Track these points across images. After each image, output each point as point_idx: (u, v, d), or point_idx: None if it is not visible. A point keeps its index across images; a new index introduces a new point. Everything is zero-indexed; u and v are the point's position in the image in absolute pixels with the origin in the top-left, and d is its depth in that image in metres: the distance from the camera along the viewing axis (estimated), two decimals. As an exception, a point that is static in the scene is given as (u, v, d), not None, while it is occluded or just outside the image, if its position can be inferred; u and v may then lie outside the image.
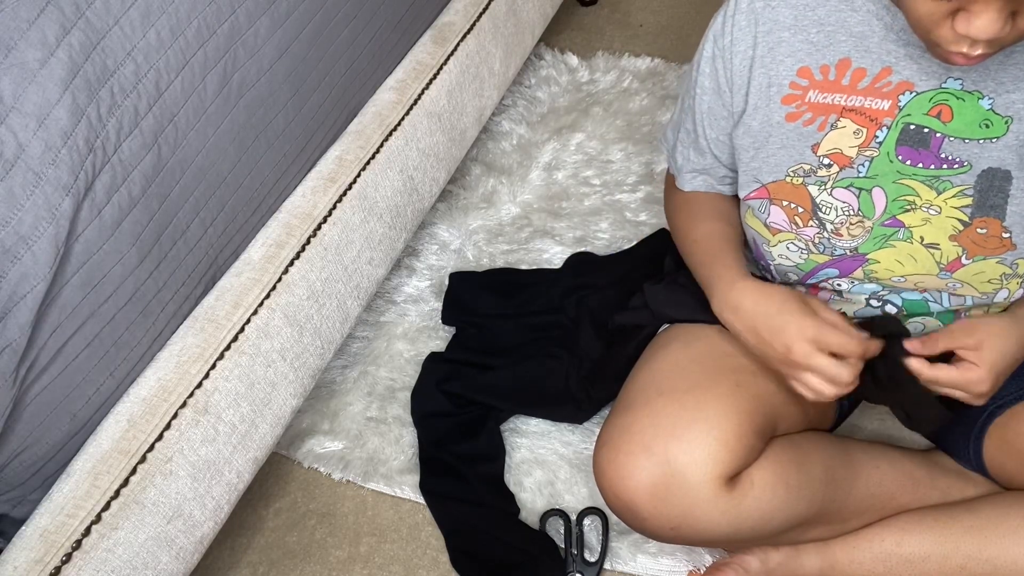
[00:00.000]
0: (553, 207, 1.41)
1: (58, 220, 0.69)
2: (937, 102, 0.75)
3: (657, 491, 0.80)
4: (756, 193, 0.86)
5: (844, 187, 0.81)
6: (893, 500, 0.90)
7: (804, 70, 0.80)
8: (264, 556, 1.09)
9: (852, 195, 0.81)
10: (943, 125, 0.76)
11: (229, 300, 0.90)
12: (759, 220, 0.88)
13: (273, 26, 0.88)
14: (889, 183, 0.79)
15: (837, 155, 0.80)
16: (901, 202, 0.80)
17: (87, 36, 0.72)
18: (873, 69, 0.77)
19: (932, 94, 0.75)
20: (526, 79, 1.63)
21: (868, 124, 0.78)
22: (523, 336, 1.23)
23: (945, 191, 0.78)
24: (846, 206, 0.81)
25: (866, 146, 0.79)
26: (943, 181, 0.77)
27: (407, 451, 1.16)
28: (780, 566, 0.92)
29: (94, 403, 0.79)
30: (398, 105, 1.10)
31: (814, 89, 0.80)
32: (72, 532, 0.75)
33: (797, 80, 0.80)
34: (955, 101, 0.75)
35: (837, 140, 0.80)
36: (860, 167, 0.80)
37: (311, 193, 0.99)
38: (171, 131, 0.80)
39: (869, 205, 0.81)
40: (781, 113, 0.82)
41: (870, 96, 0.78)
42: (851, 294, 0.88)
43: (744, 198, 0.88)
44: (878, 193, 0.80)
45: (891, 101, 0.77)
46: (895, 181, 0.79)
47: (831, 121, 0.79)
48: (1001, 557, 0.83)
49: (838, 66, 0.78)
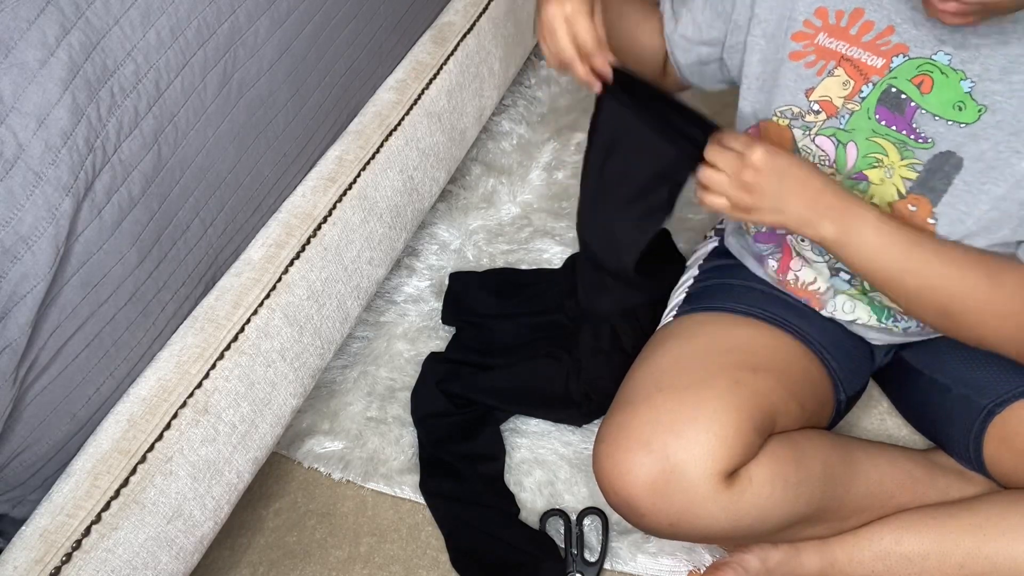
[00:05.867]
0: (553, 207, 1.41)
1: (58, 220, 0.69)
2: (922, 71, 0.76)
3: (656, 487, 0.80)
4: (751, 131, 0.87)
5: (827, 136, 0.82)
6: (892, 499, 0.90)
7: (822, 11, 0.80)
8: (264, 556, 1.09)
9: (832, 145, 0.82)
10: (920, 96, 0.76)
11: (229, 300, 0.90)
12: None
13: (273, 26, 0.89)
14: (863, 139, 0.80)
15: (827, 103, 0.81)
16: (870, 159, 0.80)
17: (87, 36, 0.72)
18: (880, 25, 0.77)
19: (920, 62, 0.76)
20: (526, 79, 1.63)
21: (857, 77, 0.79)
22: (523, 336, 1.23)
23: (907, 159, 0.79)
24: (824, 155, 0.82)
25: (850, 99, 0.80)
26: (908, 149, 0.78)
27: (407, 451, 1.16)
28: (780, 565, 0.92)
29: (94, 403, 0.80)
30: (398, 105, 1.10)
31: (824, 32, 0.80)
32: (72, 532, 0.75)
33: (812, 20, 0.80)
34: (939, 75, 0.75)
35: (829, 87, 0.80)
36: (842, 118, 0.81)
37: (311, 193, 1.00)
38: (171, 131, 0.80)
39: (843, 158, 0.82)
40: (787, 49, 0.82)
41: (868, 51, 0.78)
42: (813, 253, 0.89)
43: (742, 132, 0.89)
44: (851, 147, 0.81)
45: (885, 60, 0.77)
46: (868, 138, 0.80)
47: (829, 68, 0.80)
48: (1000, 555, 0.83)
49: (852, 14, 0.78)
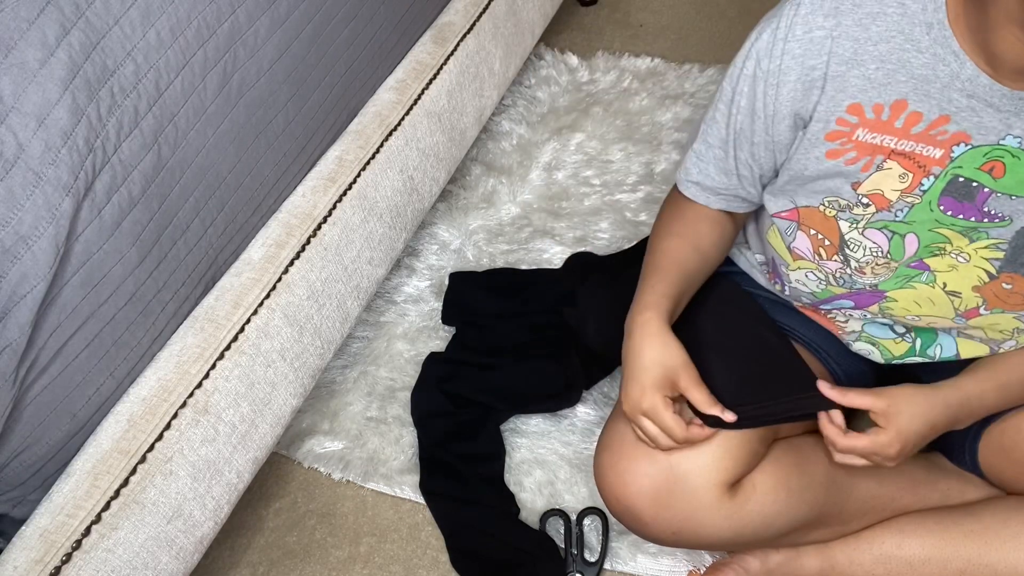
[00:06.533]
0: (553, 207, 1.41)
1: (58, 220, 0.69)
2: (992, 158, 0.71)
3: (659, 496, 0.80)
4: (787, 214, 0.82)
5: (878, 228, 0.77)
6: (893, 502, 0.90)
7: (855, 107, 0.74)
8: (264, 556, 1.09)
9: (884, 237, 0.78)
10: (993, 181, 0.72)
11: (229, 300, 0.90)
12: (783, 242, 0.85)
13: (273, 26, 0.88)
14: (925, 231, 0.76)
15: (877, 196, 0.76)
16: (932, 248, 0.77)
17: (87, 36, 0.71)
18: (930, 115, 0.71)
19: (988, 149, 0.71)
20: (526, 79, 1.63)
21: (916, 170, 0.74)
22: (523, 336, 1.23)
23: (978, 240, 0.75)
24: (876, 247, 0.78)
25: (910, 191, 0.75)
26: (979, 232, 0.74)
27: (407, 451, 1.15)
28: (780, 567, 0.92)
29: (94, 403, 0.79)
30: (398, 105, 1.10)
31: (863, 127, 0.74)
32: (72, 532, 0.75)
33: (846, 117, 0.74)
34: (1010, 159, 0.70)
35: (880, 181, 0.75)
36: (899, 211, 0.76)
37: (311, 193, 0.99)
38: (171, 131, 0.80)
39: (900, 249, 0.78)
40: (823, 149, 0.76)
41: (922, 142, 0.73)
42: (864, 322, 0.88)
43: (773, 214, 0.84)
44: (911, 239, 0.77)
45: (944, 150, 0.72)
46: (931, 229, 0.76)
47: (877, 162, 0.75)
48: (1002, 563, 0.83)
49: (893, 107, 0.72)
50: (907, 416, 0.78)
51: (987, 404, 0.82)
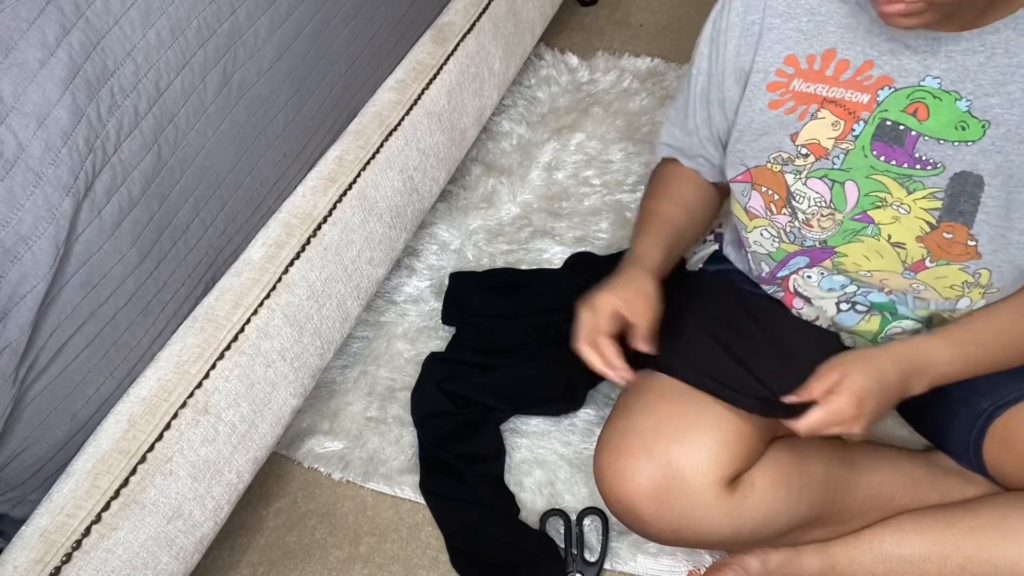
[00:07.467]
0: (553, 207, 1.41)
1: (58, 220, 0.69)
2: (914, 99, 0.75)
3: (658, 494, 0.80)
4: (741, 176, 0.88)
5: (818, 177, 0.81)
6: (893, 501, 0.90)
7: (791, 58, 0.80)
8: (264, 556, 1.09)
9: (825, 186, 0.82)
10: (919, 123, 0.76)
11: (229, 300, 0.90)
12: (740, 205, 0.89)
13: (273, 26, 0.88)
14: (862, 177, 0.80)
15: (814, 145, 0.81)
16: (872, 197, 0.80)
17: (87, 36, 0.71)
18: (856, 61, 0.77)
19: (910, 91, 0.75)
20: (526, 79, 1.63)
21: (846, 116, 0.79)
22: (523, 336, 1.23)
23: (916, 191, 0.78)
24: (819, 197, 0.82)
25: (843, 138, 0.79)
26: (915, 181, 0.77)
27: (407, 451, 1.15)
28: (780, 567, 0.92)
29: (94, 403, 0.79)
30: (398, 105, 1.10)
31: (799, 78, 0.80)
32: (72, 532, 0.75)
33: (784, 68, 0.81)
34: (932, 100, 0.75)
35: (816, 130, 0.80)
36: (835, 159, 0.80)
37: (311, 193, 0.99)
38: (171, 131, 0.80)
39: (841, 198, 0.81)
40: (765, 100, 0.83)
41: (851, 88, 0.78)
42: (821, 289, 0.89)
43: (731, 180, 0.90)
44: (851, 187, 0.81)
45: (870, 95, 0.77)
46: (868, 176, 0.79)
47: (811, 111, 0.80)
48: (1001, 559, 0.83)
49: (824, 56, 0.79)
50: (854, 375, 0.78)
51: (940, 361, 0.81)
